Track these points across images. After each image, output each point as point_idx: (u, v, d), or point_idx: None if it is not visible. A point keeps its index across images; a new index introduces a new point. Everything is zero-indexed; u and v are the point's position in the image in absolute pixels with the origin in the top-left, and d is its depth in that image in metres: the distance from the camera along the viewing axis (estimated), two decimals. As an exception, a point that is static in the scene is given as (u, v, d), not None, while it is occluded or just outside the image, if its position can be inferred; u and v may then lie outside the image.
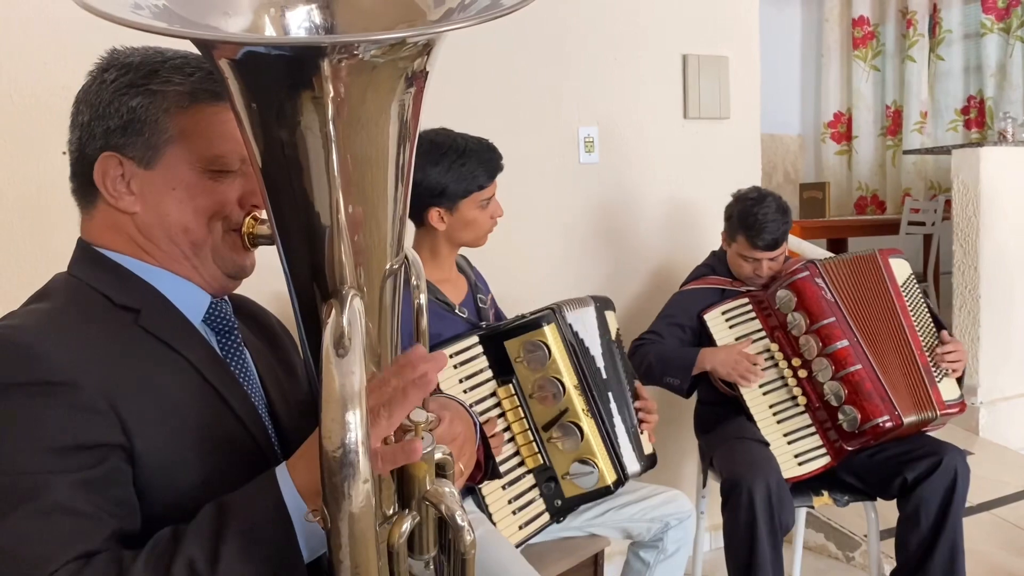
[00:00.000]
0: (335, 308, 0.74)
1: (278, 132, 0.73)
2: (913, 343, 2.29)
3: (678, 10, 2.83)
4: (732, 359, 2.28)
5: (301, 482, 0.80)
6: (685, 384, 2.32)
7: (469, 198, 1.88)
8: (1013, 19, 5.68)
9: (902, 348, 2.29)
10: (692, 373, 2.31)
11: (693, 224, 2.94)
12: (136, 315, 0.91)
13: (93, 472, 0.80)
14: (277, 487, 0.79)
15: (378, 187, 0.78)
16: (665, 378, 2.34)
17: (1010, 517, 3.00)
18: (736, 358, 2.28)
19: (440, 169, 1.84)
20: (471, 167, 1.87)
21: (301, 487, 0.80)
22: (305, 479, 0.80)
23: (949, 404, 2.27)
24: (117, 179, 0.92)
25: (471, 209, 1.90)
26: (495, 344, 1.84)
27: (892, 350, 2.29)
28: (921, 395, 2.25)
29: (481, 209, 1.91)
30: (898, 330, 2.30)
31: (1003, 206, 3.89)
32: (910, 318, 2.32)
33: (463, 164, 1.86)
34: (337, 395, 0.69)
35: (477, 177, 1.88)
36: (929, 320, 2.38)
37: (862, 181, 6.53)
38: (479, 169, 1.88)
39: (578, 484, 1.84)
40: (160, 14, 0.74)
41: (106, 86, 0.92)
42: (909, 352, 2.29)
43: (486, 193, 1.91)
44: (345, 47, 0.67)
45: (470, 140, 1.90)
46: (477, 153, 1.88)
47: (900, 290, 2.35)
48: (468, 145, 1.89)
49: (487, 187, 1.90)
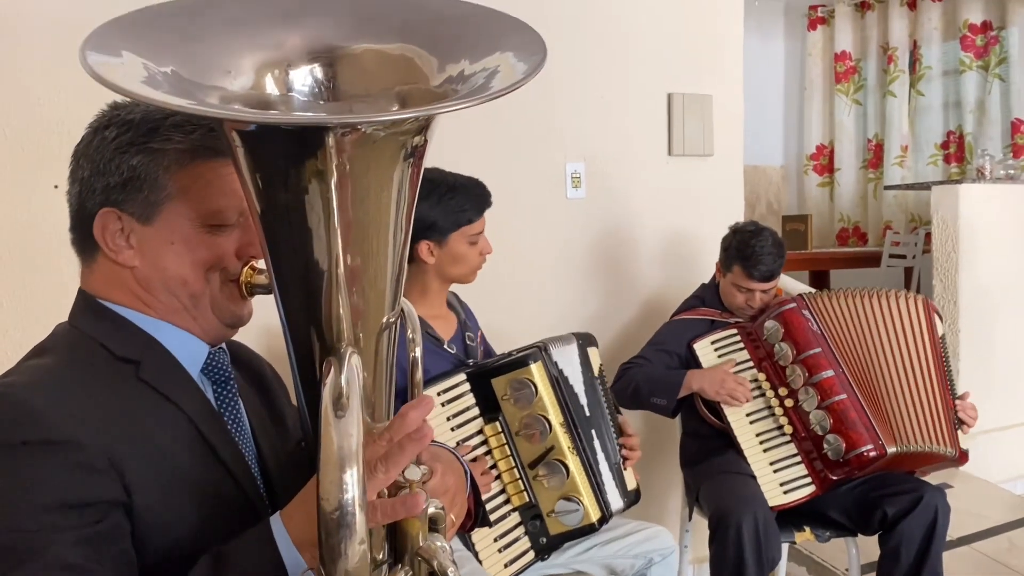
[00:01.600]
0: (334, 367, 0.76)
1: (282, 196, 0.75)
2: (944, 388, 2.34)
3: (663, 50, 2.88)
4: (719, 379, 2.32)
5: (296, 533, 0.81)
6: (671, 405, 2.35)
7: (458, 232, 1.92)
8: (991, 57, 5.80)
9: (936, 388, 2.32)
10: (679, 394, 2.34)
11: (678, 257, 2.97)
12: (136, 367, 0.92)
13: (95, 529, 0.81)
14: (274, 543, 0.80)
15: (377, 247, 0.80)
16: (652, 398, 2.36)
17: (990, 551, 3.03)
18: (723, 378, 2.32)
19: (430, 203, 1.87)
20: (460, 201, 1.91)
21: (296, 538, 0.80)
22: (300, 530, 0.80)
23: (962, 451, 2.33)
24: (116, 234, 0.93)
25: (460, 244, 1.93)
26: (482, 382, 1.85)
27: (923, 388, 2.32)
28: (948, 430, 2.29)
29: (470, 245, 1.95)
30: (933, 373, 2.33)
31: (982, 242, 3.95)
32: (944, 368, 2.36)
33: (452, 198, 1.90)
34: (335, 456, 0.70)
35: (466, 211, 1.92)
36: (950, 377, 2.43)
37: (844, 213, 6.61)
38: (468, 204, 1.92)
39: (563, 522, 1.84)
40: (169, 79, 0.75)
41: (107, 143, 0.93)
42: (942, 394, 2.32)
43: (475, 228, 1.94)
44: (348, 123, 0.69)
45: (460, 177, 1.94)
46: (466, 189, 1.92)
47: (939, 341, 2.39)
48: (458, 181, 1.93)
49: (476, 221, 1.94)
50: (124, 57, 0.73)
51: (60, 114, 1.91)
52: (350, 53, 0.86)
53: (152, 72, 0.73)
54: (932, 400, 2.31)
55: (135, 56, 0.74)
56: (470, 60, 0.79)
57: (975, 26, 5.83)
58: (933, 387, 2.32)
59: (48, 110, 1.91)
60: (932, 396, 2.32)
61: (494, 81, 0.75)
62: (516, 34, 0.80)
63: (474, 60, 0.79)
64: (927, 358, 2.35)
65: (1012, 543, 3.11)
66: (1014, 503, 3.52)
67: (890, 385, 2.31)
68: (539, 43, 0.78)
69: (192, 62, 0.80)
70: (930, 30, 6.07)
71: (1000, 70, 5.75)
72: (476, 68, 0.78)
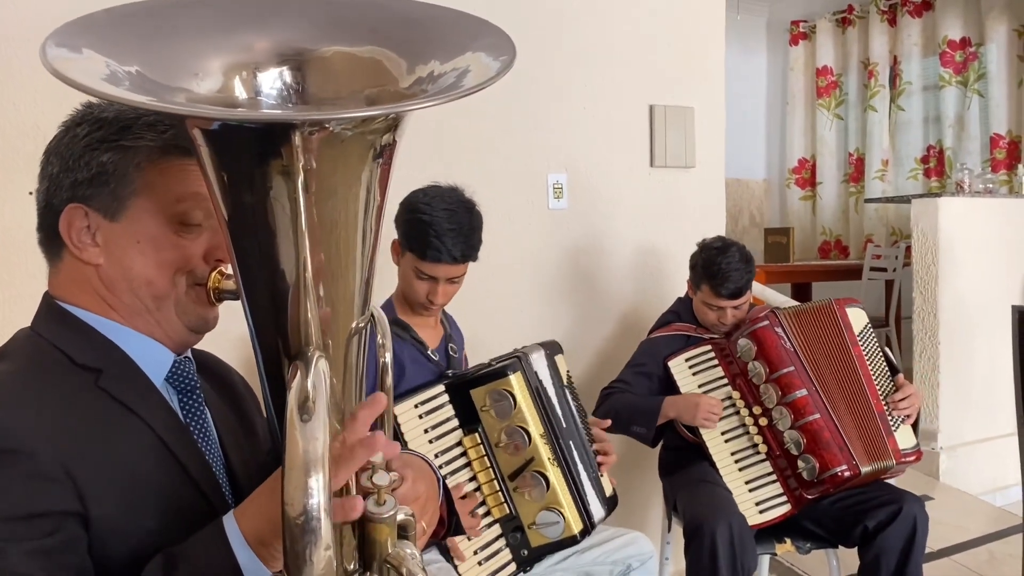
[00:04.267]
0: (300, 370, 0.75)
1: (247, 197, 0.74)
2: (870, 392, 2.33)
3: (646, 62, 2.90)
4: (693, 403, 2.32)
5: (249, 531, 0.79)
6: (651, 434, 2.35)
7: (410, 253, 1.86)
8: (970, 73, 5.86)
9: (858, 398, 2.33)
10: (657, 422, 2.34)
11: (660, 269, 2.97)
12: (97, 375, 0.90)
13: (49, 540, 0.79)
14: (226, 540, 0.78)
15: (345, 250, 0.79)
16: (632, 427, 2.36)
17: (970, 563, 3.04)
18: (697, 401, 2.32)
19: (408, 208, 1.85)
20: (420, 229, 1.82)
21: (249, 535, 0.79)
22: (253, 528, 0.79)
23: (905, 453, 2.31)
24: (83, 231, 0.92)
25: (408, 266, 1.88)
26: (461, 393, 1.83)
27: (849, 400, 2.32)
28: (878, 445, 2.28)
29: (417, 277, 1.87)
30: (855, 381, 2.34)
31: (961, 254, 3.98)
32: (867, 368, 2.36)
33: (419, 220, 1.82)
34: (300, 461, 0.69)
35: (416, 240, 1.83)
36: (885, 368, 2.42)
37: (826, 226, 6.66)
38: (420, 238, 1.82)
39: (544, 534, 1.83)
40: (133, 80, 0.74)
41: (78, 140, 0.92)
42: (865, 402, 2.32)
43: (422, 264, 1.85)
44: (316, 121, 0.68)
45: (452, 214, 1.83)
46: (434, 227, 1.81)
47: (857, 339, 2.39)
48: (439, 214, 1.82)
49: (423, 260, 1.84)
50: (85, 54, 0.71)
51: (35, 118, 1.90)
52: (319, 56, 0.85)
53: (115, 70, 0.72)
54: (867, 411, 2.31)
55: (97, 54, 0.72)
56: (440, 61, 0.79)
57: (954, 42, 5.90)
58: (865, 396, 2.33)
59: (23, 114, 1.90)
60: (866, 406, 2.32)
61: (464, 80, 0.74)
62: (485, 35, 0.80)
63: (444, 61, 0.78)
64: (852, 366, 2.35)
65: (992, 555, 3.12)
66: (994, 515, 3.53)
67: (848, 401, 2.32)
68: (508, 44, 0.77)
69: (159, 63, 0.79)
70: (910, 46, 6.14)
71: (979, 86, 5.82)
72: (446, 68, 0.77)
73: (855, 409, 2.31)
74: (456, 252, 1.83)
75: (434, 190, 1.88)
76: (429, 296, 1.88)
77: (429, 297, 1.88)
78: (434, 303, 1.89)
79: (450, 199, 1.86)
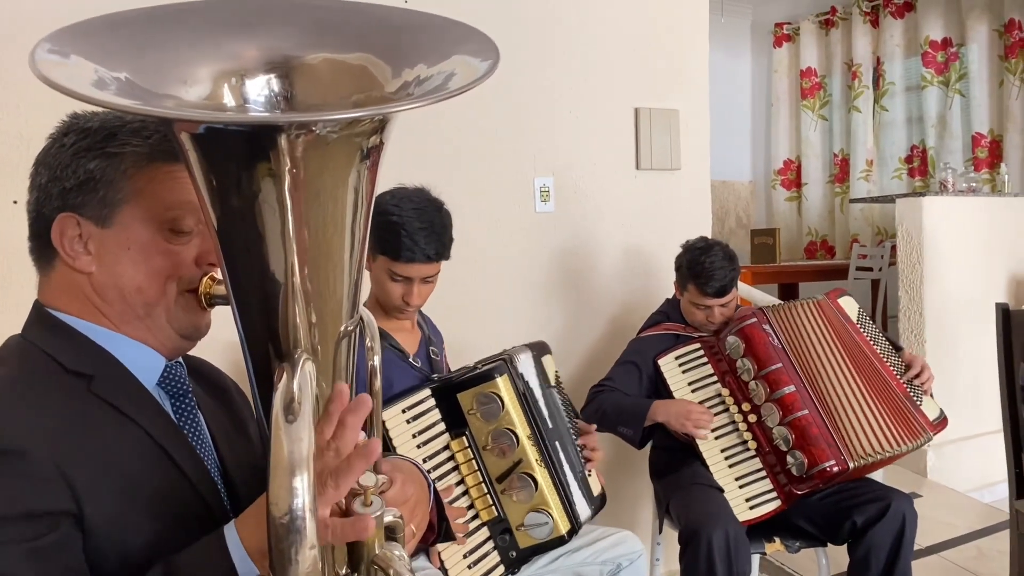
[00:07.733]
0: (286, 372, 0.75)
1: (235, 201, 0.74)
2: (887, 375, 2.35)
3: (630, 65, 2.91)
4: (684, 411, 2.32)
5: (250, 542, 0.80)
6: (637, 436, 2.35)
7: (383, 257, 1.84)
8: (951, 73, 5.91)
9: (882, 383, 2.34)
10: (644, 424, 2.34)
11: (647, 270, 2.99)
12: (89, 381, 0.90)
13: (43, 541, 0.79)
14: (227, 551, 0.79)
15: (333, 252, 0.80)
16: (619, 427, 2.37)
17: (958, 560, 3.06)
18: (688, 409, 2.32)
19: (379, 215, 1.79)
20: (391, 229, 1.79)
21: (250, 547, 0.80)
22: (254, 539, 0.80)
23: (936, 423, 2.34)
24: (75, 239, 0.92)
25: (381, 269, 1.85)
26: (448, 397, 1.83)
27: (875, 388, 2.33)
28: (913, 423, 2.30)
29: (391, 280, 1.85)
30: (871, 368, 2.35)
31: (945, 253, 4.02)
32: (877, 352, 2.38)
33: (389, 222, 1.79)
34: (285, 461, 0.69)
35: (388, 241, 1.80)
36: (890, 348, 2.44)
37: (812, 227, 6.70)
38: (392, 239, 1.79)
39: (532, 535, 1.83)
40: (121, 86, 0.75)
41: (65, 149, 0.93)
42: (887, 385, 2.34)
43: (395, 265, 1.82)
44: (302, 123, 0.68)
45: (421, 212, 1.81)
46: (405, 227, 1.79)
47: (858, 327, 2.41)
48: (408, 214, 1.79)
49: (396, 261, 1.81)
50: (72, 59, 0.72)
51: (19, 126, 1.89)
52: (307, 63, 0.85)
53: (103, 76, 0.72)
54: (877, 400, 2.32)
55: (86, 60, 0.73)
56: (427, 65, 0.79)
57: (936, 43, 5.95)
58: (884, 379, 2.34)
59: (7, 122, 1.89)
60: (888, 390, 2.33)
61: (450, 83, 0.75)
62: (471, 40, 0.80)
63: (430, 65, 0.79)
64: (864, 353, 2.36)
65: (980, 551, 3.14)
66: (982, 511, 3.56)
67: (842, 394, 2.32)
68: (493, 48, 0.78)
69: (148, 70, 0.80)
70: (892, 47, 6.19)
71: (960, 86, 5.87)
72: (432, 72, 0.78)
73: (883, 395, 2.32)
74: (430, 251, 1.82)
75: (400, 191, 1.85)
76: (405, 298, 1.86)
77: (405, 299, 1.86)
78: (410, 304, 1.87)
79: (418, 199, 1.84)
